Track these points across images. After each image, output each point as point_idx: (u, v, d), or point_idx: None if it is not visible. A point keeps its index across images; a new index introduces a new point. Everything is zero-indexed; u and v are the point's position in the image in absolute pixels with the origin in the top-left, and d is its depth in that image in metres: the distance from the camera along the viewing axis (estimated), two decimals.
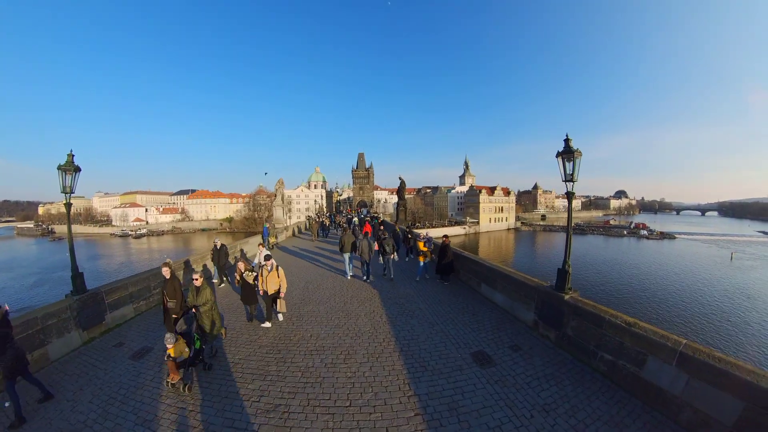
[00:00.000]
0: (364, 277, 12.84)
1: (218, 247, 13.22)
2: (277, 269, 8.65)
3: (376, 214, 59.65)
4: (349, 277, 13.23)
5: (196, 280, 7.05)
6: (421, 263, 12.59)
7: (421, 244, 12.64)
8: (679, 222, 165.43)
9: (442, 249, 12.16)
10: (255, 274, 8.84)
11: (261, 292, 8.57)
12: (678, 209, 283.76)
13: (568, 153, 7.34)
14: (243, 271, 8.80)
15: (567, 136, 7.45)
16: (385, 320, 8.73)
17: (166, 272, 7.98)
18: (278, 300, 8.75)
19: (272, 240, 22.25)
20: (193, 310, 6.94)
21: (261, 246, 13.47)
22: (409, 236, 17.46)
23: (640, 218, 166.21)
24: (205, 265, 14.38)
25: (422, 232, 17.30)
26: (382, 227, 16.77)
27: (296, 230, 33.64)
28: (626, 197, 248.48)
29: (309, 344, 7.43)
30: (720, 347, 25.24)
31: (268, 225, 22.87)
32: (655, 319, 30.76)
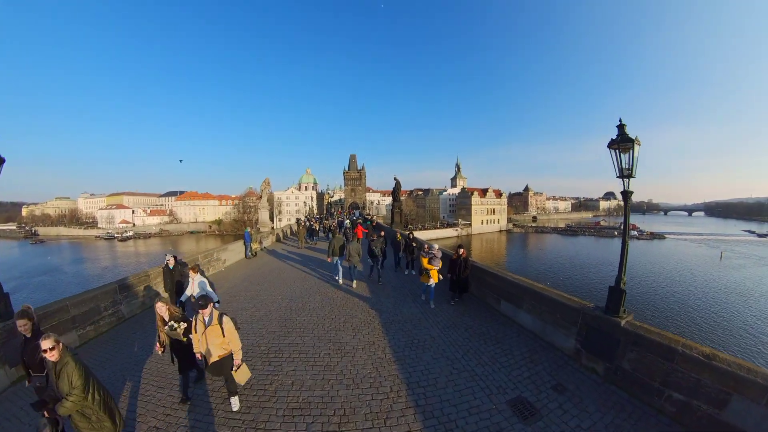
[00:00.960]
0: (354, 285, 12.24)
1: (170, 266, 9.18)
2: (220, 321, 5.10)
3: (369, 216, 57.93)
4: (340, 282, 12.69)
5: (50, 351, 3.68)
6: (425, 285, 9.93)
7: (425, 261, 9.82)
8: (667, 222, 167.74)
9: (457, 263, 9.79)
10: (186, 325, 5.38)
11: (198, 356, 5.25)
12: (665, 210, 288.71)
13: (624, 142, 5.75)
14: (167, 320, 5.37)
15: (620, 121, 5.91)
16: (390, 356, 6.81)
17: (23, 327, 4.56)
18: (234, 370, 5.23)
19: (255, 246, 19.76)
20: (47, 412, 3.75)
21: (193, 271, 8.42)
22: (414, 245, 14.62)
23: (630, 219, 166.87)
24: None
25: (425, 239, 15.49)
26: (382, 232, 15.00)
27: (282, 235, 30.80)
28: (615, 198, 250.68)
29: (290, 398, 5.40)
30: (722, 347, 24.90)
31: (250, 229, 19.74)
32: (654, 318, 30.25)
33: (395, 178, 27.85)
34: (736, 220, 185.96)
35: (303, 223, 27.00)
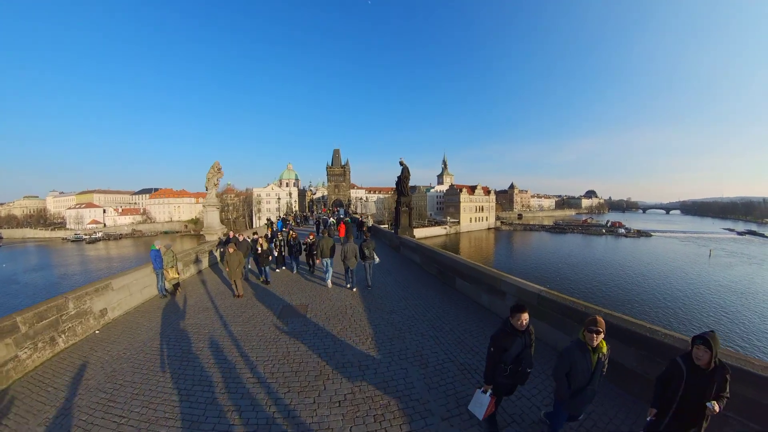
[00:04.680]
0: (348, 286, 10.87)
1: None
2: None
3: (355, 214, 54.50)
4: (329, 286, 11.08)
5: None
6: None
7: None
8: (648, 220, 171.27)
9: None
10: None
11: None
12: (644, 208, 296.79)
13: None
14: None
15: None
16: None
17: None
18: None
19: (172, 275, 10.60)
20: None
21: None
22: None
23: (610, 216, 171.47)
24: None
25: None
26: (367, 234, 11.60)
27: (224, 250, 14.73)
28: (596, 197, 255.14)
29: None
30: (738, 348, 23.10)
31: (159, 245, 10.92)
32: (658, 320, 28.57)
33: (401, 162, 20.12)
34: (713, 219, 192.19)
35: (243, 244, 13.17)
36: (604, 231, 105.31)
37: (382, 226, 35.43)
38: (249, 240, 13.95)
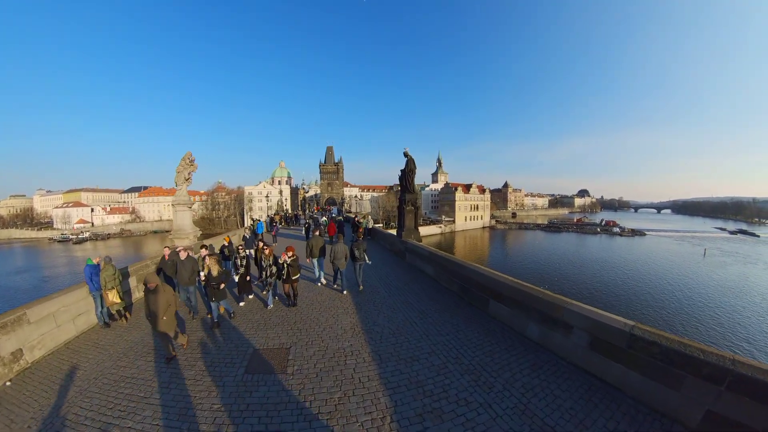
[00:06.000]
0: (336, 287, 10.81)
1: None
2: None
3: (349, 213, 52.67)
4: (321, 285, 11.19)
5: None
6: None
7: None
8: (640, 219, 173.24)
9: None
10: None
11: None
12: (635, 207, 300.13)
13: None
14: None
15: None
16: None
17: None
18: None
19: (112, 299, 8.09)
20: None
21: None
22: None
23: (603, 215, 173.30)
24: None
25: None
26: (360, 234, 11.07)
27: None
28: (588, 196, 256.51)
29: None
30: (736, 350, 23.83)
31: (97, 258, 8.35)
32: (656, 321, 28.74)
33: (406, 154, 16.75)
34: (703, 218, 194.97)
35: (186, 264, 8.86)
36: (598, 230, 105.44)
37: (377, 225, 33.69)
38: (197, 257, 9.88)
